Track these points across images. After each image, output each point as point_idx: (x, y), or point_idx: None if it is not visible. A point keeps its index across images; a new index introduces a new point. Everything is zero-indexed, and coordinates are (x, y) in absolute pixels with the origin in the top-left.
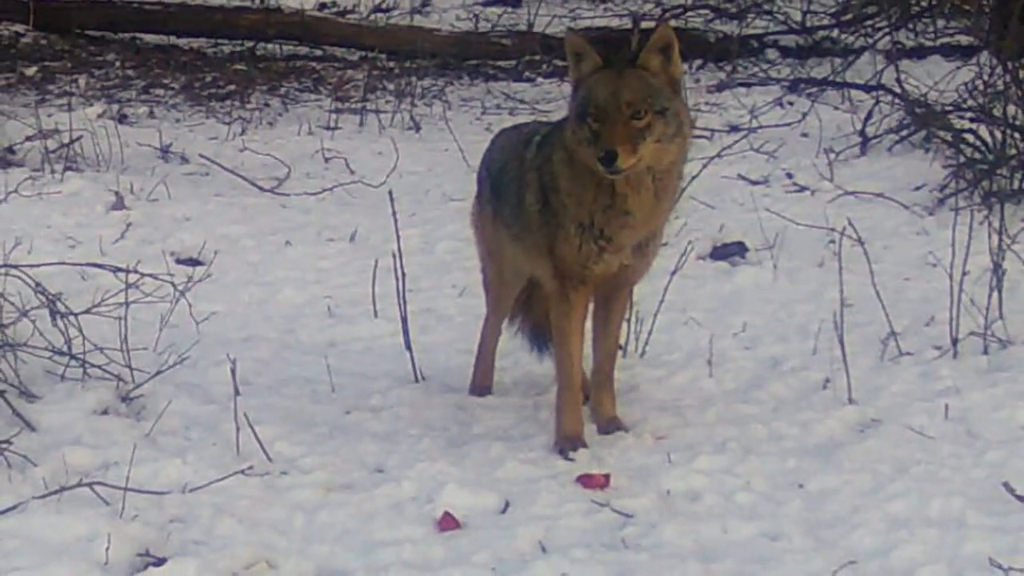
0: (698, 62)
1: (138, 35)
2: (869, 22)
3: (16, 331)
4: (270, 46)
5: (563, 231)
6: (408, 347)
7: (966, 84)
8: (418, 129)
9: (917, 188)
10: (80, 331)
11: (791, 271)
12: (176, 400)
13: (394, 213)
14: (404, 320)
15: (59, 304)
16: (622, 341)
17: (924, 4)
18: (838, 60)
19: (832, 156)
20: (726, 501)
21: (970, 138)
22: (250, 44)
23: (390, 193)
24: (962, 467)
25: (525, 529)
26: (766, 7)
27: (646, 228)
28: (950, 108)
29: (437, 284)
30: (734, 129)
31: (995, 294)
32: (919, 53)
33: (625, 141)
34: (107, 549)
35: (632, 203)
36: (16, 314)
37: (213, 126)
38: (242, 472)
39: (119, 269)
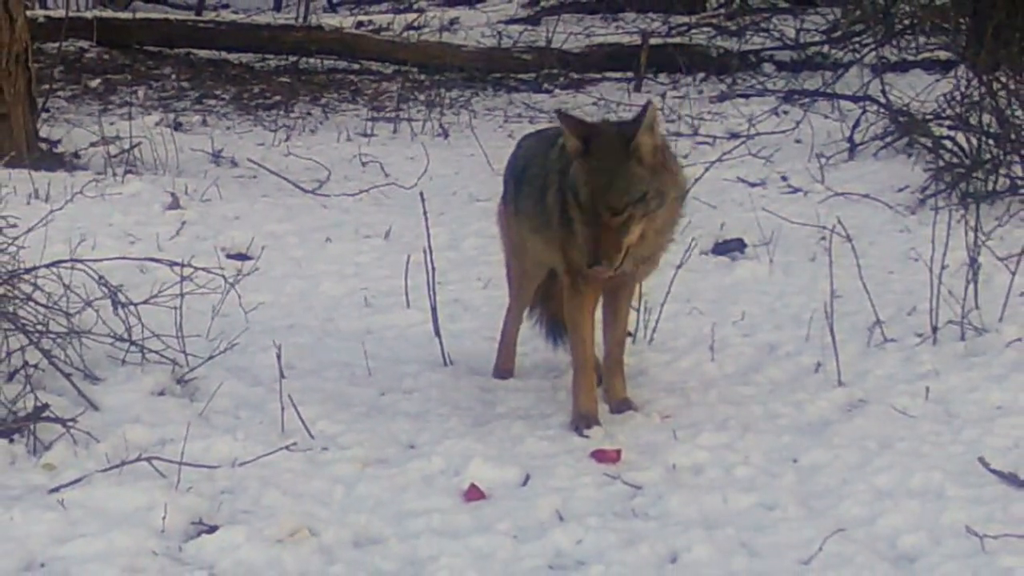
0: (701, 75)
1: (192, 51)
2: (857, 39)
3: (81, 319)
4: (312, 61)
5: (573, 237)
6: (437, 334)
7: (945, 95)
8: (446, 136)
9: (900, 190)
10: (139, 320)
11: (786, 265)
12: (226, 382)
13: (425, 212)
14: (434, 310)
15: (120, 295)
16: (631, 328)
17: (907, 22)
18: (828, 73)
19: (823, 160)
20: (727, 474)
21: (948, 144)
22: (294, 59)
23: (421, 194)
24: (941, 443)
25: (544, 500)
26: (763, 25)
27: (647, 254)
28: (930, 117)
29: (464, 277)
30: (734, 136)
31: (971, 286)
32: (902, 67)
33: (610, 246)
34: (163, 518)
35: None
36: (81, 304)
37: (260, 133)
38: (286, 448)
39: (175, 263)
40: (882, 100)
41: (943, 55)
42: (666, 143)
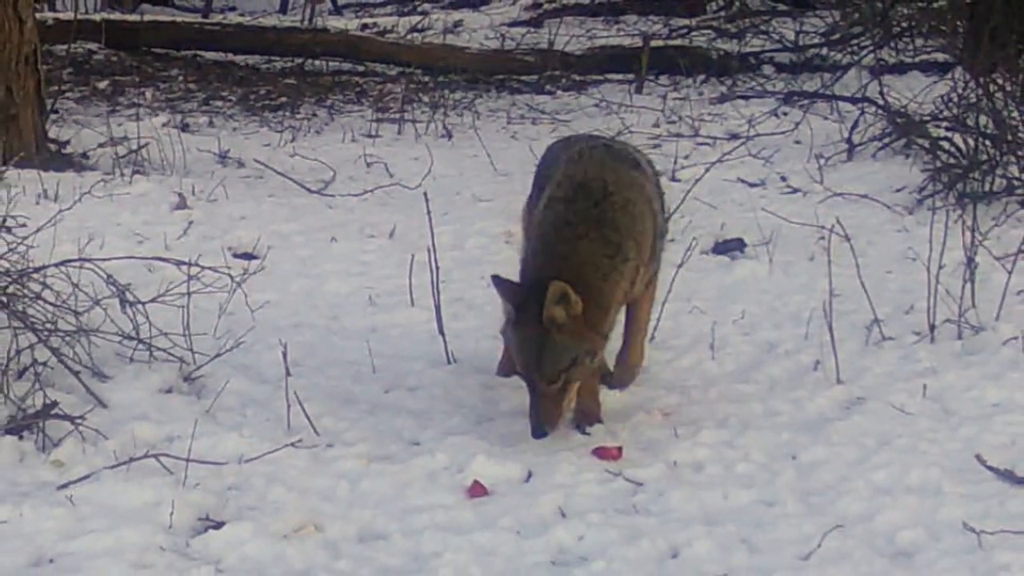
0: (701, 77)
1: (199, 53)
2: (855, 41)
3: (90, 318)
4: (317, 62)
5: None
6: (441, 333)
7: (942, 97)
8: (450, 137)
9: (898, 190)
10: (147, 318)
11: (785, 264)
12: (233, 380)
13: (429, 212)
14: (438, 308)
15: (128, 294)
16: None
17: (904, 25)
18: (827, 75)
19: (822, 161)
20: (727, 471)
21: (946, 145)
22: (299, 61)
23: (425, 194)
24: (938, 441)
25: (546, 496)
26: (763, 28)
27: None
28: (928, 118)
29: (467, 276)
30: (734, 137)
31: (968, 285)
32: (900, 69)
33: (550, 413)
34: (171, 514)
35: None
36: (90, 303)
37: (266, 134)
38: (292, 445)
39: (182, 262)
40: (880, 102)
41: (940, 57)
42: (595, 297)
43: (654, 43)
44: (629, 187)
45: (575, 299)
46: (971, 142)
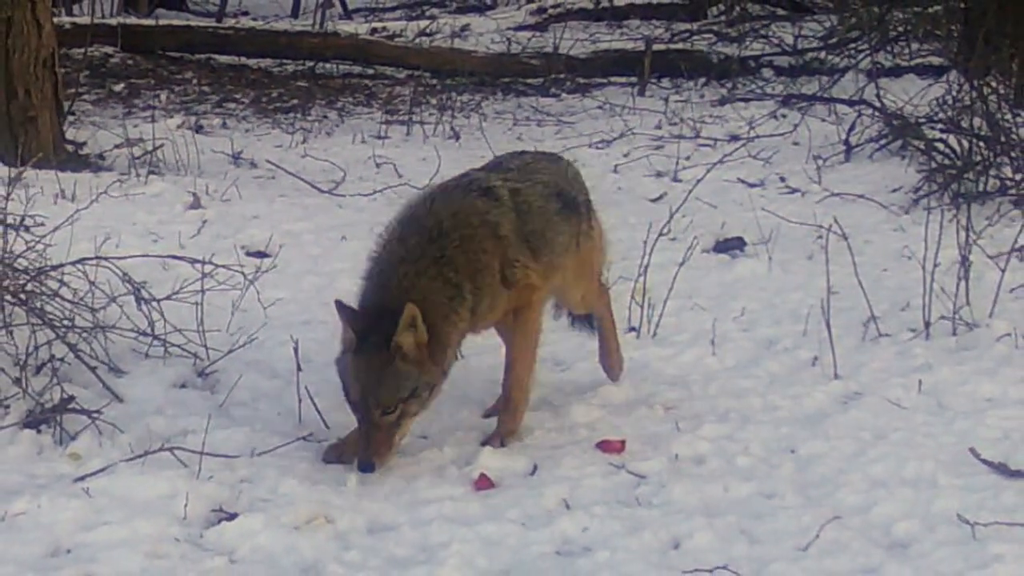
0: (702, 80)
1: (213, 56)
2: (852, 45)
3: (106, 315)
4: (328, 66)
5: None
6: None
7: (937, 99)
8: (458, 138)
9: (894, 190)
10: (162, 315)
11: (784, 263)
12: (246, 375)
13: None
14: None
15: (143, 291)
16: (636, 324)
17: (900, 29)
18: (825, 78)
19: (820, 162)
20: (727, 464)
21: (941, 146)
22: (311, 64)
23: None
24: (933, 434)
25: (551, 489)
26: (762, 32)
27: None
28: (923, 120)
29: None
30: (734, 138)
31: (962, 283)
32: (896, 72)
33: (381, 445)
34: (185, 506)
35: None
36: (106, 300)
37: (278, 135)
38: (303, 438)
39: (196, 260)
40: (877, 104)
41: (936, 61)
42: (438, 332)
43: (656, 47)
44: (467, 224)
45: (422, 327)
46: (965, 143)
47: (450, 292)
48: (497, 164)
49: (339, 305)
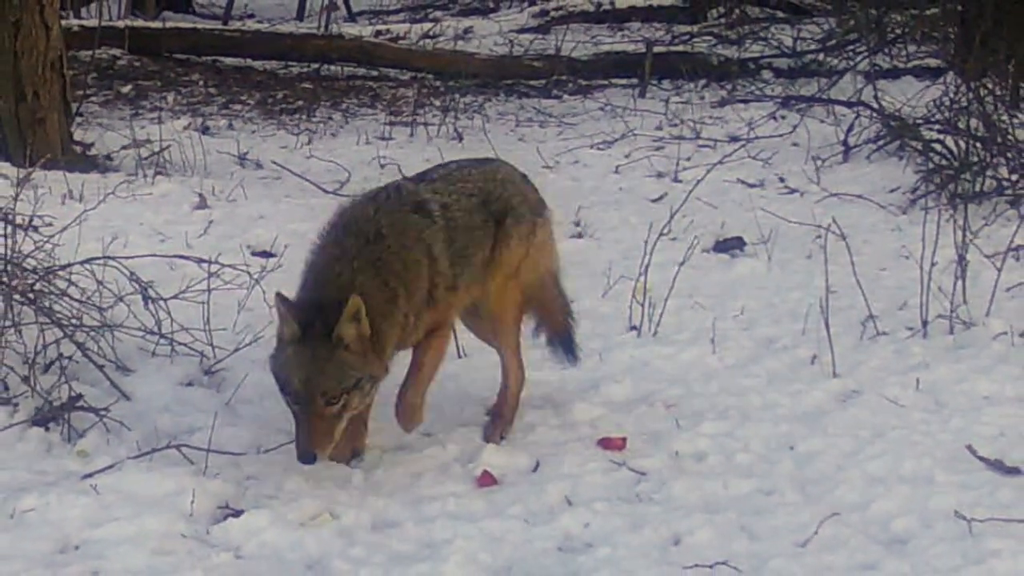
0: (703, 81)
1: (219, 58)
2: (850, 47)
3: (113, 314)
4: (333, 67)
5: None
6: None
7: (935, 100)
8: (461, 139)
9: (892, 190)
10: (169, 314)
11: (783, 262)
12: (252, 373)
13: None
14: None
15: (150, 290)
16: (637, 323)
17: (898, 31)
18: (824, 80)
19: (819, 163)
20: (727, 461)
21: (938, 147)
22: (316, 66)
23: None
24: (931, 432)
25: (553, 485)
26: (762, 34)
27: None
28: (921, 121)
29: None
30: (734, 139)
31: (959, 282)
32: (894, 74)
33: (322, 436)
34: (192, 502)
35: None
36: (113, 299)
37: (284, 136)
38: None
39: (202, 260)
40: (875, 105)
41: (933, 62)
42: (379, 326)
43: (657, 49)
44: (404, 235)
45: (365, 321)
46: (962, 144)
47: (388, 294)
48: (423, 175)
49: (280, 298)
